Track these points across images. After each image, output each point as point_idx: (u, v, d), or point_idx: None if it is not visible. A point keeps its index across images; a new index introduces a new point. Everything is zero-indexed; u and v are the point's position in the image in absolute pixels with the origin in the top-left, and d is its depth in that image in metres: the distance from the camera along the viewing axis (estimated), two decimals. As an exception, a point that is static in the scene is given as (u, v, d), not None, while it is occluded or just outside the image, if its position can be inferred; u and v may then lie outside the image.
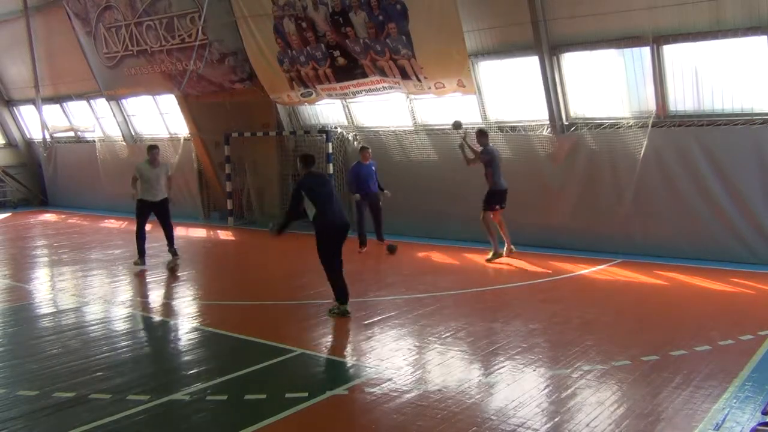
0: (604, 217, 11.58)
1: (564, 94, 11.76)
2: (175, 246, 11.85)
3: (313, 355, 7.02)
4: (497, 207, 11.32)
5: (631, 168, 11.10)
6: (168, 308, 9.09)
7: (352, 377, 6.29)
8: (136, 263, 11.53)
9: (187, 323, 8.38)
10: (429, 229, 13.52)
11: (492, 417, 5.30)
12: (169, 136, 18.47)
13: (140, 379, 6.36)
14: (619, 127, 11.26)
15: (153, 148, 11.69)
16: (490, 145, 11.44)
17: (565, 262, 10.98)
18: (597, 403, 5.50)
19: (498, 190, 11.28)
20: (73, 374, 6.53)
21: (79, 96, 19.88)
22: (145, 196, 11.48)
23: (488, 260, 11.32)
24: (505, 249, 11.45)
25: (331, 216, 8.29)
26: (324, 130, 14.83)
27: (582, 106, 11.82)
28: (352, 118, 14.95)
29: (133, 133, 19.37)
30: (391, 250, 12.31)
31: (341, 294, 8.30)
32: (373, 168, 12.75)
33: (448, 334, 7.46)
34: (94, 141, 20.43)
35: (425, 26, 11.76)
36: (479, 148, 11.34)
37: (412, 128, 13.87)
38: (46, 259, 13.24)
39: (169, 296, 9.85)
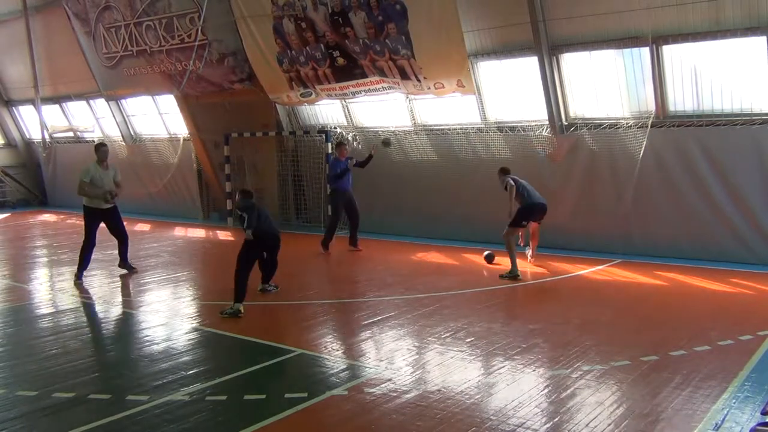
0: (603, 217, 11.58)
1: (563, 95, 11.76)
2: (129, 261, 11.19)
3: (313, 355, 7.01)
4: (524, 223, 10.56)
5: (631, 168, 11.10)
6: (168, 308, 9.09)
7: (351, 377, 6.28)
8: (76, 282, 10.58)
9: (187, 323, 8.38)
10: (429, 229, 13.52)
11: (491, 417, 5.30)
12: (168, 136, 18.48)
13: (140, 379, 6.35)
14: (619, 128, 11.26)
15: (102, 146, 10.61)
16: (510, 178, 10.54)
17: (564, 262, 10.98)
18: (596, 403, 5.50)
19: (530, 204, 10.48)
20: (73, 374, 6.52)
21: (79, 96, 19.89)
22: (93, 203, 10.53)
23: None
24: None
25: (268, 227, 8.88)
26: (323, 130, 14.84)
27: (581, 107, 11.82)
28: (351, 118, 14.94)
29: (133, 134, 19.38)
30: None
31: (241, 294, 8.47)
32: (349, 164, 12.47)
33: (447, 335, 7.46)
34: (93, 141, 20.41)
35: (425, 26, 11.76)
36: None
37: (412, 128, 13.87)
38: (45, 259, 13.24)
39: (168, 296, 9.85)
